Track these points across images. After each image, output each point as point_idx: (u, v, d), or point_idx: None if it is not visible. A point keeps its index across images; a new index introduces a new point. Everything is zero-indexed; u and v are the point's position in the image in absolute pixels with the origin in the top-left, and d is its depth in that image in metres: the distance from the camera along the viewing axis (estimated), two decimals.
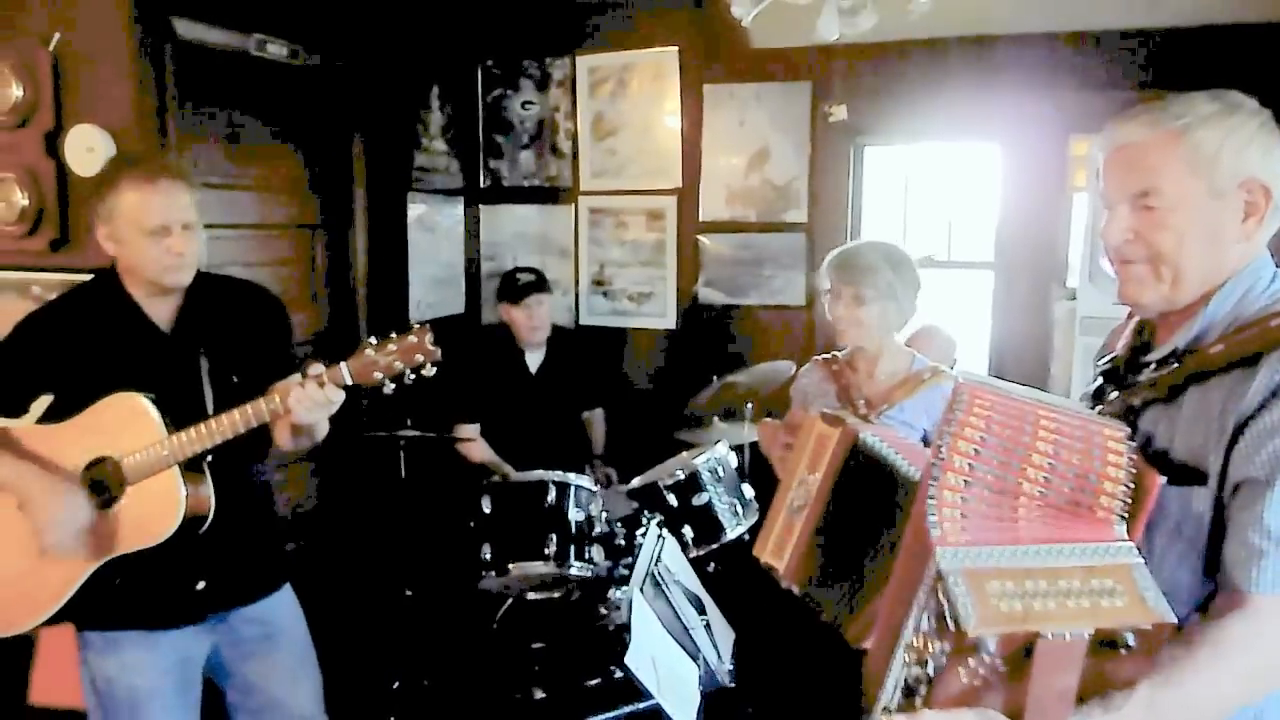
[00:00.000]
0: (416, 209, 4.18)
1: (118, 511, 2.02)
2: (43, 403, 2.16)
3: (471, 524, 2.98)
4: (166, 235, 2.03)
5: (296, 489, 3.75)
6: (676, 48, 4.13)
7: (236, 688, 2.28)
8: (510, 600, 3.22)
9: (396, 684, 3.24)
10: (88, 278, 2.22)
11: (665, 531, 2.53)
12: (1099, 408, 1.31)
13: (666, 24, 4.14)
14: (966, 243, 4.09)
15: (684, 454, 3.33)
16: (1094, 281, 3.52)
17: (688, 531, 3.03)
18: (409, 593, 3.34)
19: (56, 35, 2.87)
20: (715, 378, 3.59)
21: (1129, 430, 1.10)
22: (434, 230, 4.33)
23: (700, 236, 4.19)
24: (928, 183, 4.15)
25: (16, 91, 2.87)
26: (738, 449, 3.34)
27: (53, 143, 2.91)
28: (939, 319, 3.39)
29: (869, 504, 1.77)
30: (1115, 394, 1.32)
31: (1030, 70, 3.66)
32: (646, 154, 4.25)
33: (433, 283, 4.32)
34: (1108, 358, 1.40)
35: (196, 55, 3.08)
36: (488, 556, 2.90)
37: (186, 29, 3.02)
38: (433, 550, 3.53)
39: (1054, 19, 3.61)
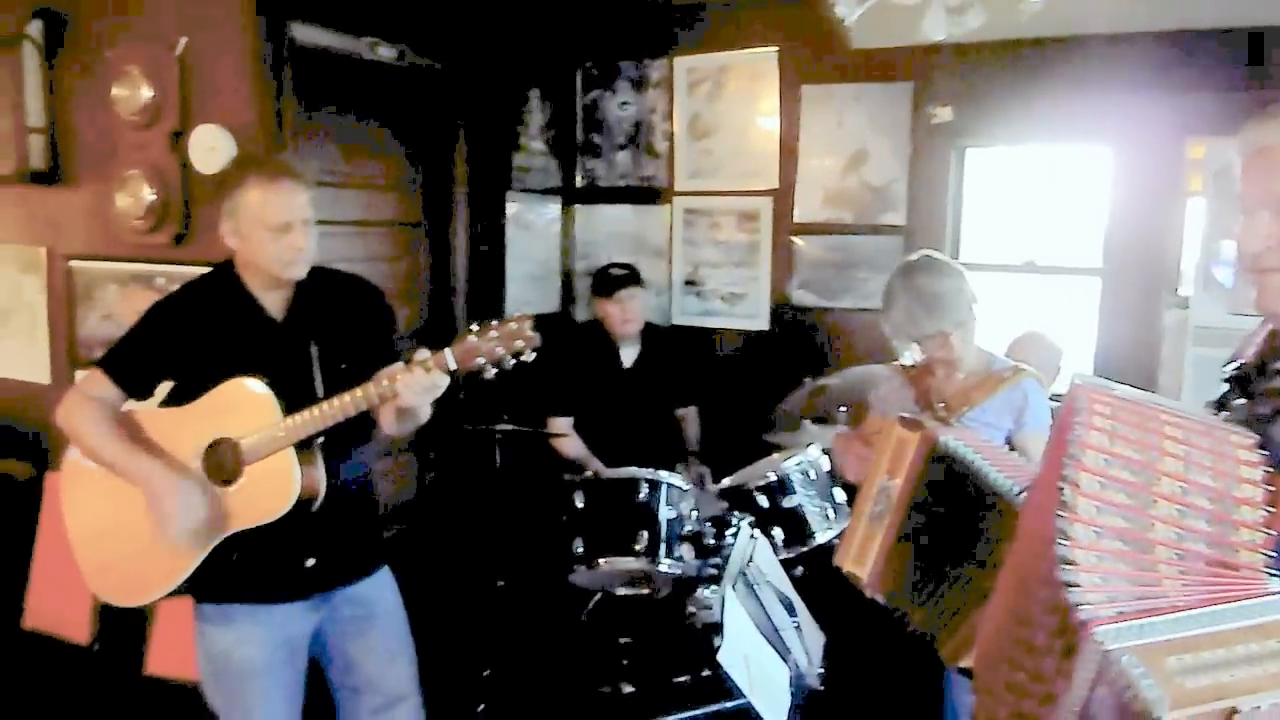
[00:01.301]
0: (514, 208, 4.25)
1: (236, 490, 2.11)
2: (164, 388, 2.28)
3: (564, 518, 3.02)
4: (287, 232, 2.11)
5: (398, 478, 3.86)
6: (775, 48, 4.10)
7: (337, 665, 2.35)
8: (599, 595, 3.25)
9: (487, 672, 3.29)
10: (207, 270, 2.32)
11: (758, 532, 2.52)
12: (1223, 415, 1.25)
13: (766, 24, 4.12)
14: (1071, 248, 3.95)
15: (775, 456, 3.31)
16: (1208, 290, 3.37)
17: (777, 533, 3.01)
18: (501, 583, 3.39)
19: (183, 40, 3.01)
20: (807, 380, 3.55)
21: (1258, 439, 1.04)
22: (530, 229, 4.39)
23: (794, 238, 4.16)
24: (1030, 185, 4.02)
25: (146, 93, 3.02)
26: (830, 452, 3.28)
27: (177, 142, 3.05)
28: (1042, 326, 3.29)
29: (953, 510, 1.72)
30: (1240, 401, 1.26)
31: (1144, 70, 3.52)
32: (742, 155, 4.23)
33: (528, 280, 4.38)
34: (1235, 363, 1.33)
35: (311, 58, 3.20)
36: (579, 550, 2.93)
37: (303, 33, 3.13)
38: (525, 542, 3.58)
39: (1168, 17, 3.47)
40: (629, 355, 3.81)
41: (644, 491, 2.95)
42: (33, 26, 3.25)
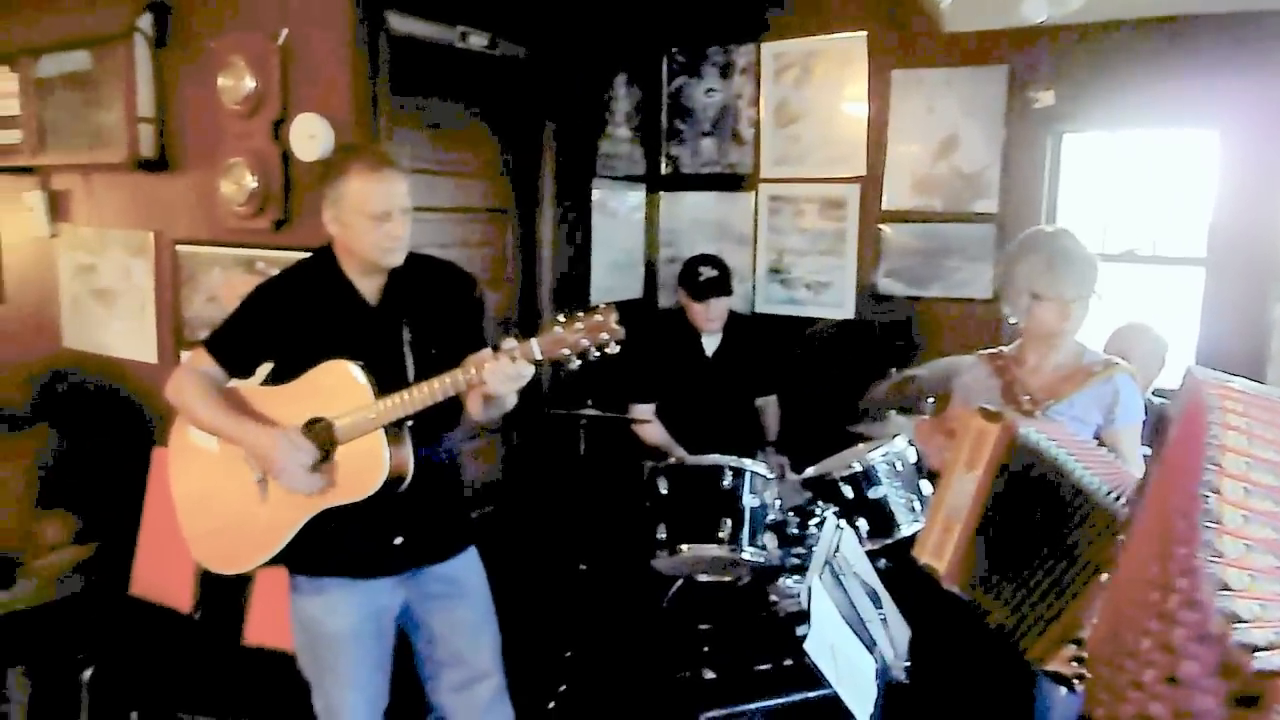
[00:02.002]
0: (599, 195, 4.27)
1: (329, 468, 2.17)
2: (264, 369, 2.35)
3: (647, 504, 3.03)
4: (386, 220, 2.16)
5: (486, 460, 3.92)
6: (864, 32, 4.03)
7: (424, 638, 2.41)
8: (681, 581, 3.26)
9: (569, 653, 3.33)
10: (306, 255, 2.38)
11: (843, 523, 2.49)
12: None
13: (855, 8, 4.04)
14: (1173, 237, 3.79)
15: (860, 446, 3.28)
16: None
17: (862, 525, 3.00)
18: (584, 566, 3.42)
19: (284, 31, 3.09)
20: (893, 370, 3.50)
21: None
22: (615, 216, 4.41)
23: (882, 225, 4.08)
24: (1131, 172, 3.87)
25: (249, 83, 3.11)
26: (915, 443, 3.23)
27: (278, 130, 3.14)
28: (1145, 318, 3.17)
29: (1034, 505, 1.67)
30: None
31: (1253, 52, 3.35)
32: (829, 141, 4.17)
33: (613, 267, 4.39)
34: None
35: (406, 47, 3.25)
36: (662, 536, 2.94)
37: (399, 22, 3.18)
38: (608, 527, 3.61)
39: None
40: (711, 344, 3.80)
41: (728, 479, 2.94)
42: (144, 19, 3.37)
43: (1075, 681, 1.75)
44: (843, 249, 4.18)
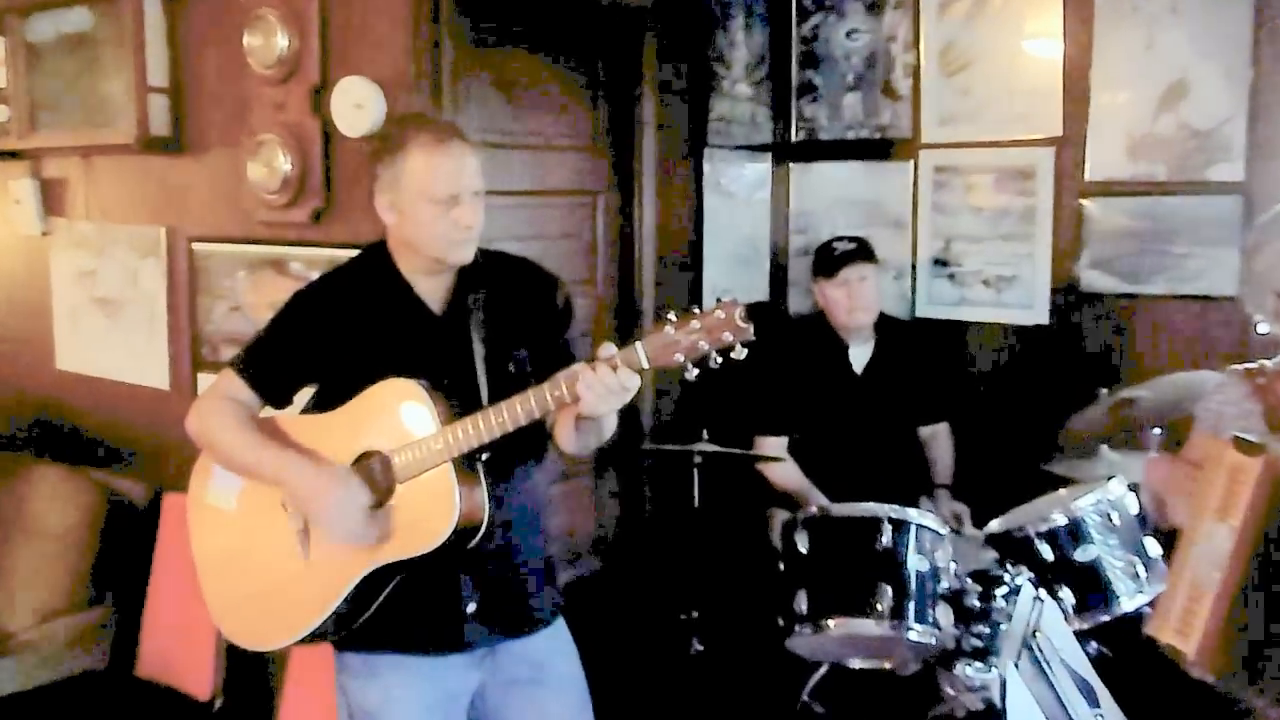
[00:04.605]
0: (712, 169, 4.29)
1: (385, 514, 2.21)
2: (305, 394, 2.43)
3: (782, 566, 3.02)
4: (455, 205, 2.21)
5: (575, 509, 3.97)
6: None
7: None
8: (825, 668, 3.23)
9: None
10: (354, 253, 2.46)
11: (1042, 593, 2.44)
12: None
13: None
14: None
15: (1062, 492, 3.23)
16: None
17: (1066, 596, 2.94)
18: (700, 647, 3.42)
19: None
20: (1103, 391, 3.43)
21: None
22: (733, 196, 4.42)
23: (1085, 201, 4.01)
24: None
25: (282, 41, 3.22)
26: (1138, 488, 3.15)
27: (318, 99, 3.24)
28: None
29: None
30: None
31: None
32: (1012, 93, 4.12)
33: (731, 261, 4.41)
34: None
35: None
36: (801, 609, 2.92)
37: None
38: (730, 595, 3.60)
39: None
40: (860, 357, 3.78)
41: (887, 535, 2.91)
42: None
43: None
44: (1031, 233, 4.12)
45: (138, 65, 3.56)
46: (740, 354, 1.99)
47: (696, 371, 2.01)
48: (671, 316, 2.03)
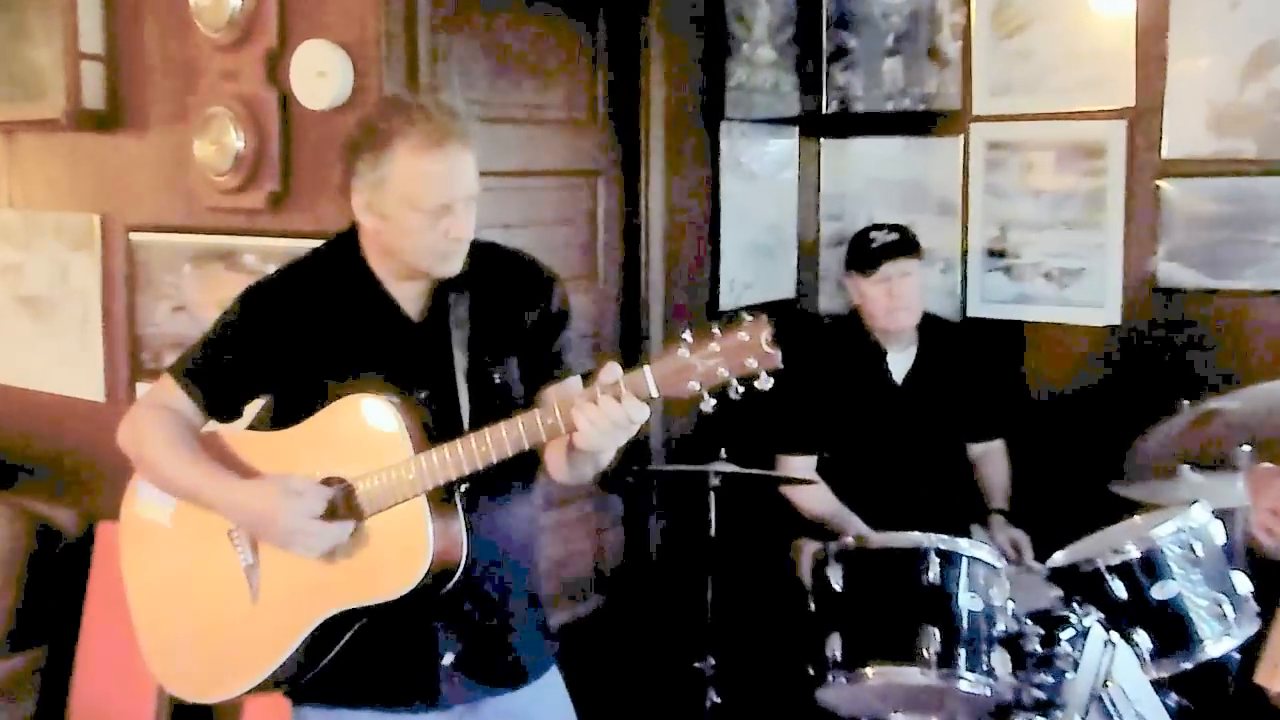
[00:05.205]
0: (731, 144, 4.27)
1: (348, 550, 2.19)
2: (256, 406, 2.42)
3: (813, 605, 3.01)
4: (446, 215, 2.18)
5: (572, 541, 3.95)
6: None
7: None
8: None
9: None
10: (315, 244, 2.44)
11: (1114, 635, 2.41)
12: None
13: None
14: None
15: (1135, 519, 3.24)
16: None
17: (1143, 640, 2.92)
18: (716, 699, 3.40)
19: None
20: (1185, 403, 3.41)
21: None
22: (755, 177, 4.42)
23: (1162, 182, 4.01)
24: None
25: (234, 0, 3.21)
26: (1225, 517, 3.15)
27: (275, 66, 3.23)
28: None
29: None
30: None
31: None
32: (1077, 57, 4.13)
33: (751, 252, 4.41)
34: None
35: None
36: (835, 654, 2.90)
37: None
38: (752, 638, 3.59)
39: None
40: (900, 364, 3.79)
41: (934, 569, 2.90)
42: None
43: None
44: (1101, 220, 4.13)
45: (68, 29, 3.55)
46: (765, 385, 1.96)
47: (714, 402, 1.99)
48: (686, 337, 2.01)
